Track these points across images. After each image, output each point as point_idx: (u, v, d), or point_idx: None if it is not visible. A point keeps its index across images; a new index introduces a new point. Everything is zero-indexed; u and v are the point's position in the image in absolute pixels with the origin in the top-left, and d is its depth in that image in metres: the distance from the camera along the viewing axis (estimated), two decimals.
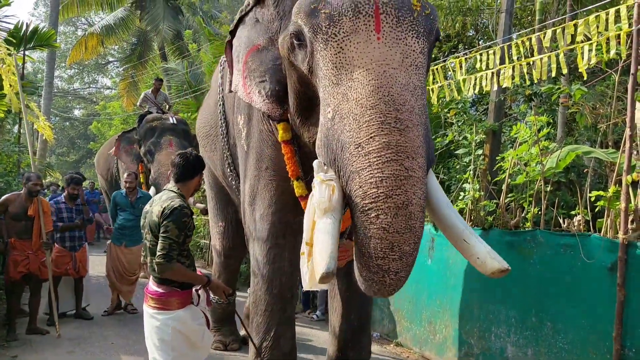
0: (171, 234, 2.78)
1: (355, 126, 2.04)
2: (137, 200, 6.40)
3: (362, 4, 2.17)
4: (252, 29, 2.92)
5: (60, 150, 30.59)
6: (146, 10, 17.07)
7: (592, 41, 3.75)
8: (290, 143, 2.95)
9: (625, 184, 3.40)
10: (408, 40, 2.17)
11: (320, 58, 2.23)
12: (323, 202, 2.08)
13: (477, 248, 2.23)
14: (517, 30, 10.00)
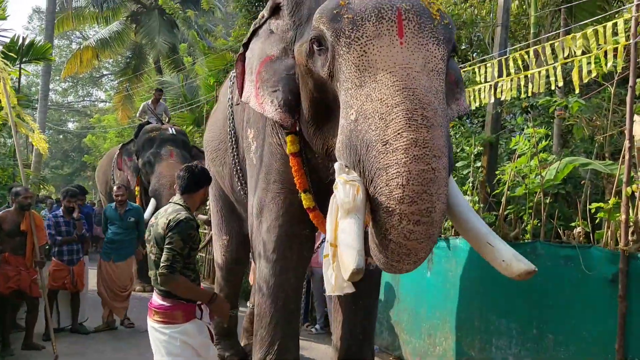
0: (175, 246, 2.75)
1: (381, 124, 2.04)
2: (126, 212, 6.31)
3: (385, 9, 2.20)
4: (265, 40, 2.95)
5: (54, 163, 30.48)
6: (141, 24, 17.17)
7: (590, 54, 3.79)
8: (298, 155, 2.96)
9: (625, 195, 3.42)
10: (429, 47, 2.20)
11: (343, 61, 2.26)
12: (347, 202, 2.08)
13: (502, 251, 2.24)
14: (512, 43, 10.10)
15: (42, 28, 25.00)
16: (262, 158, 3.30)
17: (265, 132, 3.28)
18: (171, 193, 6.87)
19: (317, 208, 3.02)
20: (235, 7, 13.10)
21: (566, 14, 7.44)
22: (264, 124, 3.30)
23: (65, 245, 5.86)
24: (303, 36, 2.63)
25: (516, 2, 9.10)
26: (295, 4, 2.74)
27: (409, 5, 2.22)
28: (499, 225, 4.43)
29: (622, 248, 3.39)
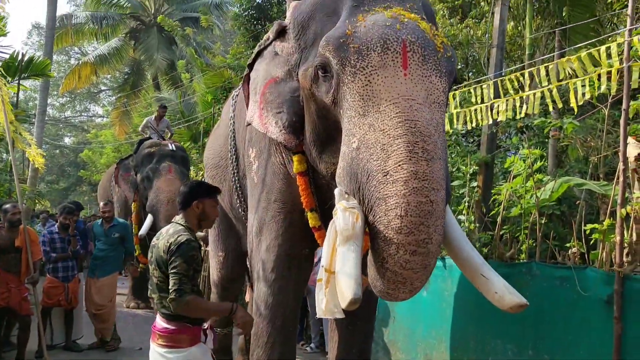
0: (180, 269, 2.70)
1: (383, 155, 2.08)
2: (110, 229, 6.26)
3: (390, 40, 2.24)
4: (270, 62, 2.98)
5: (50, 177, 30.42)
6: (140, 41, 17.30)
7: (584, 77, 3.84)
8: (305, 174, 2.98)
9: (620, 217, 3.45)
10: (432, 79, 2.24)
11: (347, 90, 2.29)
12: (347, 230, 2.10)
13: (495, 283, 2.26)
14: (507, 63, 10.22)
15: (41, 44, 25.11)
16: (264, 177, 3.31)
17: (268, 152, 3.30)
18: (168, 209, 6.86)
19: (322, 227, 3.03)
20: (234, 25, 13.25)
21: (560, 36, 7.55)
22: (266, 144, 3.32)
23: (60, 262, 5.83)
24: (308, 60, 2.66)
25: (511, 23, 9.22)
26: (301, 28, 2.77)
27: (414, 37, 2.26)
28: (495, 245, 4.45)
29: (617, 269, 3.41)
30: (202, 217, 2.94)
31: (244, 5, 12.49)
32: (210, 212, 2.95)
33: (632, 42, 3.54)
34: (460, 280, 4.57)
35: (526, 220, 4.37)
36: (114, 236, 6.24)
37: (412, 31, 2.28)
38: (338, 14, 2.55)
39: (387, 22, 2.30)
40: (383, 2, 2.49)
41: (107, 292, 6.24)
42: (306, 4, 2.79)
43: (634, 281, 3.37)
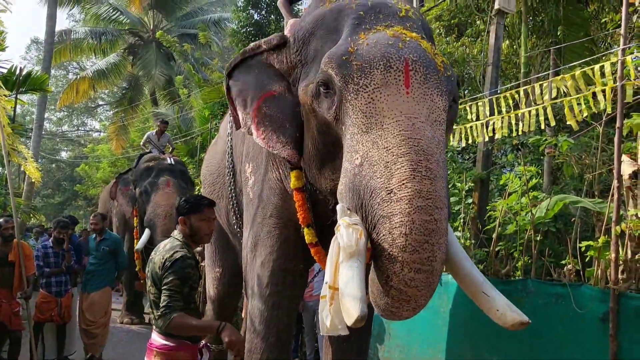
0: (172, 286, 2.66)
1: (387, 172, 2.08)
2: (100, 242, 6.19)
3: (393, 59, 2.26)
4: (262, 72, 2.92)
5: (46, 192, 30.31)
6: (139, 56, 17.39)
7: (579, 95, 3.88)
8: (302, 190, 2.97)
9: (615, 234, 3.46)
10: (433, 97, 2.25)
11: (350, 107, 2.30)
12: (350, 246, 2.08)
13: (496, 301, 2.26)
14: (502, 81, 10.31)
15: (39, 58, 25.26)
16: (260, 192, 3.31)
17: (264, 167, 3.30)
18: (166, 223, 6.83)
19: (319, 243, 3.02)
20: (232, 42, 13.35)
21: (555, 55, 7.63)
22: (263, 159, 3.32)
23: (53, 277, 5.79)
24: (308, 76, 2.66)
25: (507, 42, 9.32)
26: (302, 43, 2.77)
27: (416, 56, 2.28)
28: (490, 262, 4.45)
29: (612, 287, 3.41)
30: (192, 232, 2.88)
31: (242, 22, 12.59)
32: (199, 227, 2.87)
33: (626, 61, 3.59)
34: (456, 297, 4.56)
35: (521, 237, 4.37)
36: (103, 250, 6.18)
37: (414, 50, 2.30)
38: (339, 32, 2.57)
39: (390, 41, 2.32)
40: (384, 21, 2.52)
41: (97, 307, 6.13)
42: (307, 20, 2.80)
43: (630, 299, 3.37)
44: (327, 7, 2.72)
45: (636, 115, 3.74)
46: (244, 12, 12.65)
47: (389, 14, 2.57)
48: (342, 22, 2.59)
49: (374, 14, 2.55)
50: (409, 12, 2.64)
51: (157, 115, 16.38)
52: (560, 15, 7.71)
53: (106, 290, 6.28)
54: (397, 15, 2.57)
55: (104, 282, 6.22)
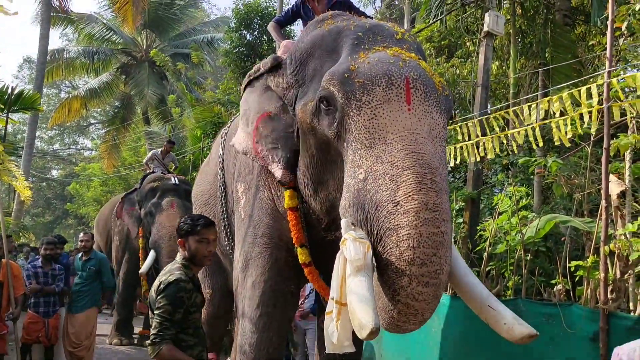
0: (164, 312, 2.58)
1: (392, 185, 2.10)
2: (86, 262, 6.09)
3: (394, 77, 2.31)
4: (262, 95, 3.02)
5: (35, 210, 30.09)
6: (131, 75, 17.44)
7: (566, 116, 3.94)
8: (296, 210, 2.99)
9: (604, 254, 3.48)
10: (433, 115, 2.31)
11: (353, 122, 2.34)
12: (358, 259, 2.08)
13: (503, 314, 2.27)
14: (492, 101, 10.43)
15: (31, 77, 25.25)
16: (251, 212, 3.31)
17: (256, 187, 3.31)
18: (171, 244, 6.78)
19: (312, 263, 3.02)
20: (225, 62, 13.44)
21: (544, 76, 7.75)
22: (254, 179, 3.33)
23: (42, 297, 5.72)
24: (306, 95, 2.70)
25: (496, 63, 9.46)
26: (300, 64, 2.82)
27: (416, 74, 2.34)
28: (481, 281, 4.45)
29: (602, 307, 3.43)
30: (190, 255, 2.81)
31: (235, 43, 12.70)
32: (196, 249, 2.80)
33: (612, 83, 3.65)
34: (447, 317, 4.55)
35: (512, 257, 4.39)
36: (89, 270, 6.10)
37: (414, 69, 2.36)
38: (338, 52, 2.63)
39: (391, 60, 2.39)
40: (382, 42, 2.59)
41: (81, 328, 6.00)
42: (305, 41, 2.86)
43: (619, 318, 3.38)
44: (326, 29, 2.79)
45: (623, 136, 3.79)
46: (237, 32, 12.77)
47: (386, 35, 2.65)
48: (342, 42, 2.65)
49: (372, 35, 2.63)
50: (404, 34, 2.73)
51: (149, 134, 16.40)
52: (548, 37, 7.85)
53: (92, 311, 6.19)
54: (394, 38, 2.66)
55: (89, 302, 6.12)
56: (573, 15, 8.81)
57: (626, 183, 4.08)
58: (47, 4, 12.51)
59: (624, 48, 4.45)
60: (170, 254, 6.46)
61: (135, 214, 8.09)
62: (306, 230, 3.05)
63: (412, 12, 12.36)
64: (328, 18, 2.90)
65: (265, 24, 12.46)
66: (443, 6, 7.84)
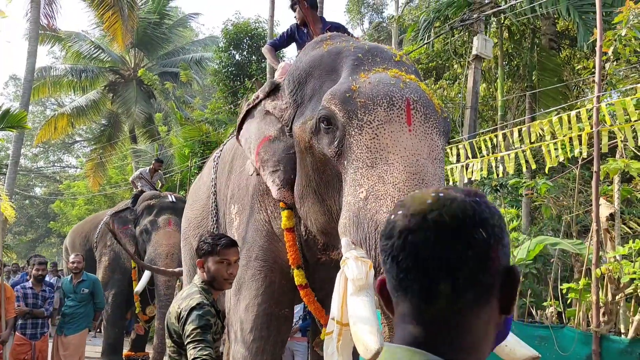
0: (195, 335, 2.34)
1: None
2: (79, 284, 5.97)
3: (395, 97, 2.33)
4: (262, 120, 3.02)
5: (18, 229, 29.58)
6: (118, 94, 17.36)
7: (556, 140, 3.99)
8: (293, 230, 2.97)
9: (595, 277, 3.51)
10: (433, 136, 2.33)
11: (354, 142, 2.34)
12: (360, 279, 2.07)
13: None
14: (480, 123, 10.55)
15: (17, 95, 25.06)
16: (245, 234, 3.28)
17: (250, 209, 3.29)
18: (167, 263, 6.70)
19: (308, 285, 3.00)
20: (213, 81, 13.47)
21: (531, 98, 7.87)
22: (249, 200, 3.31)
23: (30, 319, 5.59)
24: (304, 114, 2.70)
25: (484, 85, 9.60)
26: (298, 84, 2.83)
27: (416, 96, 2.36)
28: None
29: (594, 329, 3.44)
30: (210, 277, 2.59)
31: (224, 63, 12.75)
32: (217, 270, 2.56)
33: (600, 108, 3.71)
34: None
35: None
36: (83, 292, 6.00)
37: (415, 91, 2.39)
38: (338, 72, 2.65)
39: (392, 81, 2.41)
40: (381, 64, 2.61)
41: (74, 350, 5.91)
42: (304, 61, 2.87)
43: (612, 342, 3.40)
44: (325, 49, 2.81)
45: (612, 160, 3.84)
46: (226, 52, 12.82)
47: (385, 57, 2.67)
48: (341, 63, 2.67)
49: (371, 57, 2.65)
50: (402, 57, 2.76)
51: (135, 152, 16.29)
52: (534, 60, 7.99)
53: (83, 333, 6.09)
54: (392, 60, 2.69)
55: (83, 324, 6.02)
56: (559, 39, 9.00)
57: (615, 206, 4.14)
58: (35, 22, 12.46)
59: (610, 72, 4.53)
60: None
61: (130, 233, 7.98)
62: (302, 252, 3.04)
63: (399, 34, 12.51)
64: (327, 39, 2.93)
65: (255, 44, 12.54)
66: (430, 29, 7.96)
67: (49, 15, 13.26)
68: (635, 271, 3.44)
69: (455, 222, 0.75)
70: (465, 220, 0.75)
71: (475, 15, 6.75)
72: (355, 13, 19.88)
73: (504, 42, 8.43)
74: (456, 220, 0.75)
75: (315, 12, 3.83)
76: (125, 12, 13.43)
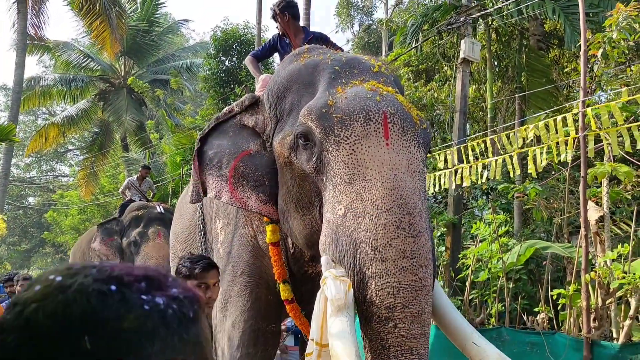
0: None
1: (372, 227, 2.09)
2: None
3: (372, 112, 2.30)
4: (237, 135, 2.95)
5: (12, 239, 29.39)
6: (109, 102, 17.29)
7: (543, 145, 3.98)
8: (278, 245, 2.94)
9: (585, 282, 3.49)
10: (411, 149, 2.30)
11: (332, 158, 2.32)
12: (340, 299, 2.05)
13: (487, 351, 2.24)
14: (470, 123, 10.55)
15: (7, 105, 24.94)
16: (230, 249, 3.24)
17: (235, 224, 3.25)
18: None
19: (295, 300, 2.97)
20: (203, 88, 13.43)
21: (520, 100, 7.87)
22: (234, 215, 3.27)
23: None
24: (284, 129, 2.66)
25: (473, 86, 9.59)
26: (277, 98, 2.79)
27: (393, 109, 2.33)
28: (464, 310, 4.44)
29: (585, 335, 3.42)
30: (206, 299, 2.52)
31: (213, 69, 12.71)
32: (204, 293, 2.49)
33: (586, 112, 3.70)
34: (433, 346, 4.50)
35: (494, 285, 4.39)
36: None
37: (392, 104, 2.35)
38: (315, 86, 2.61)
39: (368, 94, 2.37)
40: (359, 75, 2.57)
41: None
42: (282, 75, 2.83)
43: (603, 347, 3.38)
44: (302, 62, 2.77)
45: (599, 164, 3.83)
46: (215, 59, 12.78)
47: (363, 69, 2.63)
48: (318, 76, 2.63)
49: (349, 69, 2.61)
50: (381, 67, 2.72)
51: (127, 160, 16.22)
52: (523, 61, 7.99)
53: None
54: (371, 71, 2.65)
55: None
56: (547, 39, 9.01)
57: (604, 209, 4.12)
58: (23, 33, 12.41)
59: (598, 74, 4.53)
60: None
61: (115, 244, 7.87)
62: (288, 266, 3.01)
63: (389, 36, 12.52)
64: (304, 52, 2.89)
65: (244, 50, 12.50)
66: (419, 33, 7.95)
67: (36, 25, 13.22)
68: (623, 276, 3.43)
69: (50, 323, 0.52)
70: (64, 322, 0.51)
71: (462, 19, 6.74)
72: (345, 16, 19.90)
73: (492, 44, 8.44)
74: (52, 320, 0.52)
75: (297, 22, 3.80)
76: (113, 20, 13.37)
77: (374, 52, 15.91)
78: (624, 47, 4.28)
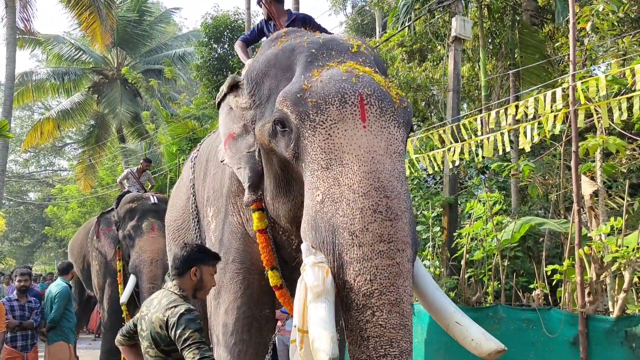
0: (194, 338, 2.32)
1: (349, 212, 2.08)
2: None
3: (347, 94, 2.27)
4: (227, 116, 2.99)
5: (14, 235, 29.46)
6: (103, 94, 17.21)
7: (534, 121, 3.95)
8: (265, 232, 2.93)
9: (579, 257, 3.48)
10: (391, 130, 2.27)
11: (309, 143, 2.29)
12: (317, 286, 2.04)
13: (470, 330, 2.24)
14: (466, 102, 10.50)
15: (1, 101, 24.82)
16: (221, 237, 3.24)
17: (225, 211, 3.25)
18: (152, 269, 6.61)
19: (284, 286, 2.97)
20: (196, 76, 13.34)
21: (514, 76, 7.81)
22: (224, 203, 3.27)
23: (19, 330, 5.54)
24: (264, 116, 2.65)
25: (467, 64, 9.52)
26: (255, 84, 2.77)
27: (370, 90, 2.29)
28: (461, 289, 4.44)
29: (580, 310, 3.42)
30: (199, 285, 2.58)
31: (205, 57, 12.61)
32: (207, 280, 2.61)
33: (576, 86, 3.66)
34: (430, 327, 4.53)
35: (489, 263, 4.39)
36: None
37: (368, 84, 2.31)
38: (292, 70, 2.58)
39: (343, 77, 2.33)
40: (337, 57, 2.53)
41: None
42: (260, 61, 2.80)
43: (598, 321, 3.39)
44: (279, 47, 2.73)
45: (590, 137, 3.81)
46: (207, 46, 12.68)
47: (341, 50, 2.59)
48: (295, 60, 2.59)
49: (326, 51, 2.57)
50: (360, 47, 2.66)
51: (125, 151, 16.19)
52: (516, 38, 7.92)
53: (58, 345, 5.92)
54: (349, 51, 2.60)
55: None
56: (540, 14, 8.91)
57: (598, 183, 4.11)
58: (12, 27, 12.28)
59: (589, 48, 4.48)
60: (152, 279, 6.33)
61: (112, 235, 7.87)
62: (277, 252, 3.00)
63: (383, 17, 12.40)
64: (282, 36, 2.85)
65: (235, 36, 12.39)
66: (411, 12, 7.86)
67: (26, 19, 13.08)
68: (617, 249, 3.42)
69: None
70: None
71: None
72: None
73: (485, 21, 8.35)
74: None
75: (281, 5, 3.75)
76: (102, 11, 13.24)
77: (368, 33, 15.78)
78: (614, 19, 4.23)
